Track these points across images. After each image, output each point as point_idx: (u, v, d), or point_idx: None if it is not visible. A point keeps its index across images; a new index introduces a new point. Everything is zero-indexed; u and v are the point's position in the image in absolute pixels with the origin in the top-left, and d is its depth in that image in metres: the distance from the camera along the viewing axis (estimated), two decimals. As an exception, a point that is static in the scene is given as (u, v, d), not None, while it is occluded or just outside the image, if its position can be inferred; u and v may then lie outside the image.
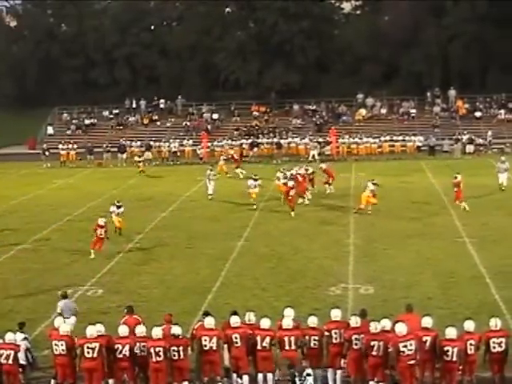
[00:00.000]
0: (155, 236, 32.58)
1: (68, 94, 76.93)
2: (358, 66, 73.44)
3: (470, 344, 16.34)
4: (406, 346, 16.05)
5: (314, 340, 17.04)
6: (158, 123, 69.09)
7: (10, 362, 16.92)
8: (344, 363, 16.96)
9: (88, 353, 16.58)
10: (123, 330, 17.01)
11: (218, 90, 76.98)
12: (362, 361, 16.57)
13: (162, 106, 71.81)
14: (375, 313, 18.57)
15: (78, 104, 72.26)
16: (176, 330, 16.89)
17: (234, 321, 17.24)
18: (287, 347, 16.94)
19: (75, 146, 59.64)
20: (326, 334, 17.05)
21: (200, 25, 76.24)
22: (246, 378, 16.98)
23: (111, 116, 71.05)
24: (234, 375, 17.08)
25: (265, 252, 29.12)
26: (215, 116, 68.19)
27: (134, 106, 71.92)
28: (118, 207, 32.82)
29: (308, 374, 16.29)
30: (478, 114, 64.14)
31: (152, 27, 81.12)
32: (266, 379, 17.04)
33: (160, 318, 18.26)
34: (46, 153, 58.66)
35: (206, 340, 16.86)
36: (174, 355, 16.63)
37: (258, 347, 16.95)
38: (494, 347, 16.58)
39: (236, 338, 16.99)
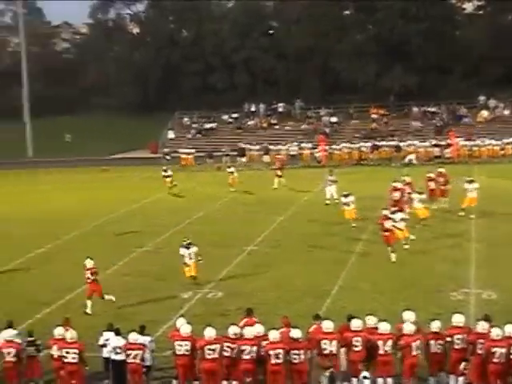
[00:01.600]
0: (273, 239, 32.74)
1: (188, 98, 78.09)
2: (479, 67, 71.93)
3: None
4: None
5: (439, 345, 16.77)
6: (277, 127, 69.47)
7: (138, 361, 17.32)
8: (465, 369, 16.64)
9: (209, 354, 16.80)
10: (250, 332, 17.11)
11: (336, 92, 76.65)
12: (485, 367, 16.20)
13: (280, 109, 72.13)
14: (498, 319, 18.13)
15: (197, 108, 73.33)
16: (296, 333, 16.90)
17: (356, 324, 17.12)
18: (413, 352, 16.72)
19: (193, 150, 60.54)
20: (448, 339, 16.76)
21: (318, 27, 76.20)
22: (367, 382, 16.81)
23: (230, 120, 71.79)
24: (354, 380, 16.91)
25: (383, 257, 28.83)
26: (333, 119, 68.01)
27: (253, 109, 72.49)
28: (188, 247, 25.88)
29: (365, 377, 16.00)
30: None
31: (271, 32, 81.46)
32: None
33: (276, 321, 18.32)
34: (167, 157, 59.64)
35: (325, 344, 16.81)
36: (295, 358, 16.65)
37: (380, 352, 16.78)
38: None
39: (357, 341, 16.88)
